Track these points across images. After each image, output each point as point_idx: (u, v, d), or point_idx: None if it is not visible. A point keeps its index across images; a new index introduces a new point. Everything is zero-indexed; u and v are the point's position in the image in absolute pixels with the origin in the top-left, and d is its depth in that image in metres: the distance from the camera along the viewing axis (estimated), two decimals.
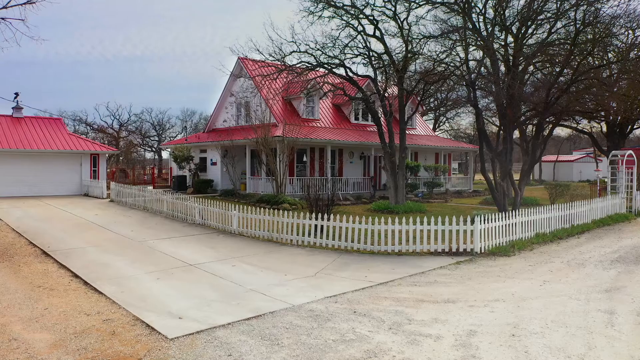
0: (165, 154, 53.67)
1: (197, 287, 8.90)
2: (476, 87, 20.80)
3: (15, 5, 11.21)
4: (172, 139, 60.16)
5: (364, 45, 20.36)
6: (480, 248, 12.01)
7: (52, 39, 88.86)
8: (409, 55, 20.15)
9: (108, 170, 37.01)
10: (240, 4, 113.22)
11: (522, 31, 19.96)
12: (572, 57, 19.19)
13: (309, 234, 13.03)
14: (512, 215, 13.18)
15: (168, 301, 8.03)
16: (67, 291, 8.63)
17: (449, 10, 20.47)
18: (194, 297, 8.27)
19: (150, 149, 64.41)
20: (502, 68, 20.56)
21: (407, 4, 19.62)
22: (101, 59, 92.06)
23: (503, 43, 20.66)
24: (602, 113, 29.75)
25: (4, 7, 11.13)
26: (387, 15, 19.97)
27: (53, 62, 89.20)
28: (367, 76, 22.55)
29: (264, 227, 13.95)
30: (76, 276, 9.63)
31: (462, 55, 20.68)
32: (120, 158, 49.95)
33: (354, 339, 6.36)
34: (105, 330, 6.68)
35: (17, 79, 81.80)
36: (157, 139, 62.92)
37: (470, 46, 20.68)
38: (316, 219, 12.97)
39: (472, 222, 12.10)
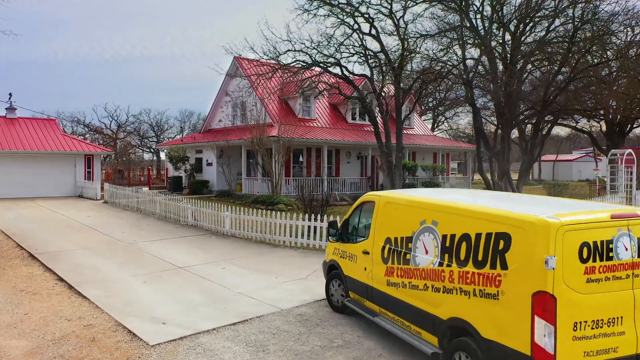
0: (163, 155, 53.30)
1: (185, 291, 8.65)
2: (474, 85, 20.58)
3: None
4: (170, 139, 59.72)
5: (359, 43, 20.08)
6: None
7: (50, 39, 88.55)
8: (406, 53, 19.88)
9: (104, 171, 36.73)
10: (237, 3, 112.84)
11: (520, 29, 19.75)
12: (570, 55, 18.98)
13: (303, 235, 12.77)
14: None
15: (153, 305, 7.78)
16: (50, 295, 8.37)
17: (446, 8, 20.25)
18: (180, 301, 8.02)
19: (148, 150, 64.05)
20: (500, 66, 20.35)
21: (403, 2, 19.37)
22: (99, 59, 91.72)
23: (501, 41, 20.45)
24: (602, 112, 29.50)
25: None
26: (383, 14, 19.70)
27: (51, 63, 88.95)
28: (364, 75, 22.26)
29: (257, 229, 13.68)
30: (61, 280, 9.37)
31: (460, 53, 20.47)
32: (117, 159, 49.55)
33: (342, 345, 6.11)
34: (85, 337, 6.43)
35: (16, 80, 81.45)
36: (155, 139, 62.54)
37: (468, 44, 20.47)
38: (309, 220, 12.72)
39: None
